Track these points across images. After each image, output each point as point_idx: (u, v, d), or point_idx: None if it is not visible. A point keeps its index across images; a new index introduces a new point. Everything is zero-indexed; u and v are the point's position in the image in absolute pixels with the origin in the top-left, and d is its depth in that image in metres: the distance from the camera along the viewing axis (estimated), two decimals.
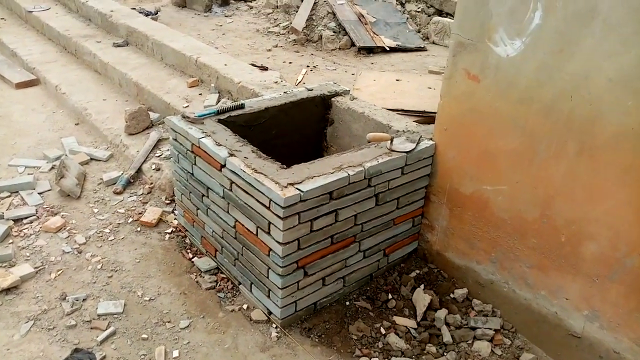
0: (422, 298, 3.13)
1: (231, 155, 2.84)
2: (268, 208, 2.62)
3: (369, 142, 3.03)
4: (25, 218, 3.62)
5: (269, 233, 2.68)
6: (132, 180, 4.06)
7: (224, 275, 3.25)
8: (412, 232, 3.40)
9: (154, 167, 4.08)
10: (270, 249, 2.72)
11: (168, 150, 4.20)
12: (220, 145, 2.93)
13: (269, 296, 2.89)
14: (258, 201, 2.67)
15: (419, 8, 8.12)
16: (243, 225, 2.87)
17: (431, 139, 3.17)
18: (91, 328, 2.80)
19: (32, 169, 4.23)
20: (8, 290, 3.03)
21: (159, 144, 4.35)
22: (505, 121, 2.76)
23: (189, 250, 3.44)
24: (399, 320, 3.05)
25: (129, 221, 3.67)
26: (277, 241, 2.65)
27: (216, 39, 6.79)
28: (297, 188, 2.58)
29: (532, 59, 2.56)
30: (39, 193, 3.89)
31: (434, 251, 3.41)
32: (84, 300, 2.98)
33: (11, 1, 7.83)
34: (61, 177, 3.83)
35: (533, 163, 2.70)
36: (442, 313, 3.06)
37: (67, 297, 2.98)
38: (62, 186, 3.83)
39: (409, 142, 3.09)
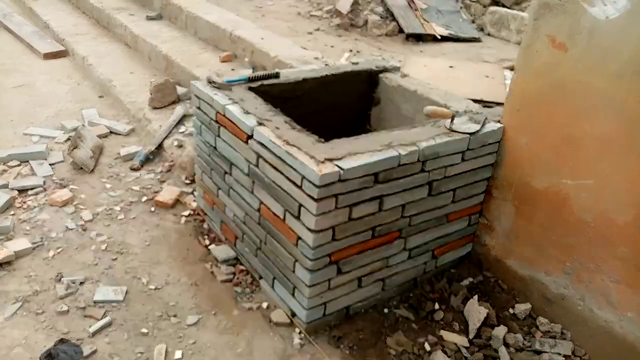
0: (476, 311, 2.61)
1: (260, 124, 2.40)
2: (300, 187, 2.15)
3: (427, 117, 2.53)
4: (31, 189, 3.26)
5: (298, 218, 2.22)
6: (151, 157, 3.67)
7: (244, 268, 2.80)
8: (467, 233, 2.88)
9: (176, 143, 3.68)
10: (299, 238, 2.25)
11: (193, 126, 3.80)
12: (249, 113, 2.49)
13: (293, 295, 2.42)
14: (288, 179, 2.21)
15: None
16: (269, 208, 2.42)
17: (499, 121, 2.65)
18: (84, 316, 2.40)
19: (47, 139, 3.89)
20: (0, 265, 2.65)
21: (184, 120, 3.96)
22: (597, 99, 2.23)
23: (206, 237, 3.01)
24: (448, 335, 2.54)
25: (142, 200, 3.27)
26: (308, 228, 2.18)
27: (255, 20, 6.38)
28: (336, 165, 2.11)
29: None
30: (50, 164, 3.54)
31: (492, 257, 2.88)
32: (81, 283, 2.58)
33: None
34: (74, 147, 3.47)
35: (631, 153, 2.16)
36: (500, 331, 2.54)
37: (62, 279, 2.58)
38: (74, 157, 3.47)
39: (473, 122, 2.58)
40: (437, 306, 2.70)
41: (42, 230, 2.93)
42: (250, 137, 2.42)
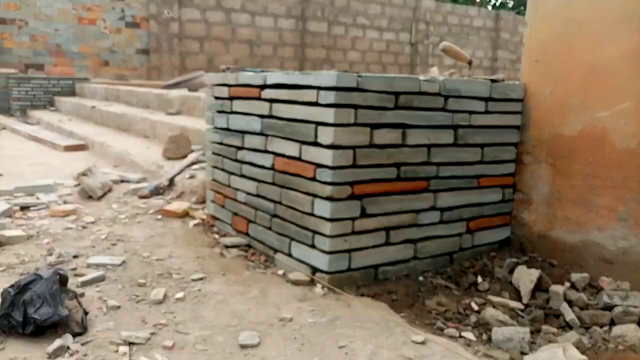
0: (527, 274, 2.25)
1: (271, 72, 2.36)
2: (316, 104, 2.03)
3: (443, 52, 2.48)
4: (34, 206, 3.10)
5: (315, 142, 2.05)
6: (162, 191, 3.54)
7: (256, 251, 2.50)
8: (503, 210, 2.61)
9: (187, 176, 3.58)
10: (317, 166, 2.05)
11: (205, 162, 3.73)
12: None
13: (313, 244, 2.12)
14: (304, 103, 2.10)
15: None
16: (283, 155, 2.26)
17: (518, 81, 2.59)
18: (75, 275, 2.08)
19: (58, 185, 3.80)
20: None
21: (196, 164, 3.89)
22: (615, 18, 2.20)
23: (216, 234, 2.75)
24: (498, 300, 2.15)
25: (150, 212, 3.07)
26: (326, 145, 2.00)
27: None
28: (355, 73, 2.02)
29: None
30: (58, 196, 3.40)
31: (535, 235, 2.57)
32: (74, 256, 2.29)
33: (79, 105, 8.26)
34: (83, 175, 3.38)
35: None
36: (559, 288, 2.15)
37: (54, 252, 2.31)
38: (82, 182, 3.35)
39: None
40: (480, 279, 2.34)
41: (40, 229, 2.70)
42: (264, 87, 2.36)
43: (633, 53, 2.15)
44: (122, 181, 3.94)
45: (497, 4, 20.46)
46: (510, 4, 20.39)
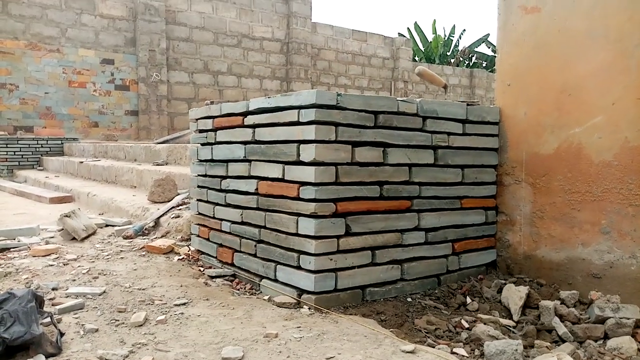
0: (515, 292, 2.23)
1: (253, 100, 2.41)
2: (297, 123, 2.07)
3: (418, 76, 2.54)
4: (14, 247, 3.04)
5: (298, 161, 2.07)
6: (147, 231, 3.50)
7: (241, 280, 2.46)
8: (487, 233, 2.61)
9: (173, 215, 3.55)
10: (300, 185, 2.06)
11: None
12: None
13: (299, 265, 2.09)
14: (285, 124, 2.13)
15: None
16: (267, 178, 2.26)
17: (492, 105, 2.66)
18: (52, 304, 2.02)
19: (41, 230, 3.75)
20: None
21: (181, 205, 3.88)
22: (581, 39, 2.30)
23: (200, 267, 2.70)
24: (488, 318, 2.11)
25: (133, 249, 3.02)
26: (308, 162, 2.02)
27: None
28: (335, 92, 2.07)
29: None
30: (40, 239, 3.35)
31: (521, 255, 2.56)
32: (53, 289, 2.23)
33: (67, 162, 8.28)
34: (67, 216, 3.34)
35: (629, 71, 2.15)
36: (549, 303, 2.12)
37: (32, 285, 2.25)
38: (65, 223, 3.31)
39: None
40: (468, 299, 2.30)
41: (20, 267, 2.64)
42: (246, 114, 2.40)
43: (600, 70, 2.23)
44: (106, 225, 3.89)
45: (471, 64, 21.18)
46: (484, 64, 21.12)
